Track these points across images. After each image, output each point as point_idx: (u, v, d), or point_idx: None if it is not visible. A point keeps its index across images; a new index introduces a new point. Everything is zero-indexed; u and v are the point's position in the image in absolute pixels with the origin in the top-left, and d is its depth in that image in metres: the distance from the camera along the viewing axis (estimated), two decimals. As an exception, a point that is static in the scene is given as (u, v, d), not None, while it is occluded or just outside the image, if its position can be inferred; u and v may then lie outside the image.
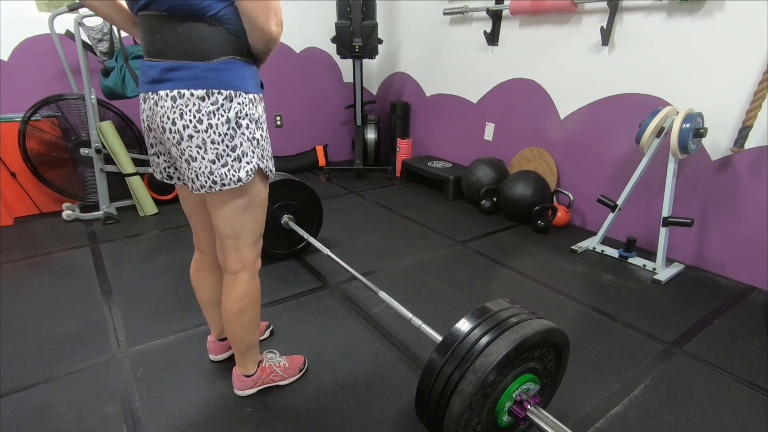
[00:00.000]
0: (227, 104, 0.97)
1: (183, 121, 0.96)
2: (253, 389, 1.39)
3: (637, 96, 2.35)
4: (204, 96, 0.95)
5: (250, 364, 1.35)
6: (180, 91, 0.94)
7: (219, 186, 1.02)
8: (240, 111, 0.99)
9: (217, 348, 1.52)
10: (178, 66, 0.94)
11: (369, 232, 2.65)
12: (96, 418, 1.29)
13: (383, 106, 4.23)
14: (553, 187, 2.86)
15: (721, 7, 1.96)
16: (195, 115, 0.95)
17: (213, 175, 1.00)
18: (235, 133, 0.99)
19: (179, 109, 0.95)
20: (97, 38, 2.36)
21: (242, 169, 1.02)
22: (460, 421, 0.98)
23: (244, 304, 1.21)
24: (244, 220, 1.11)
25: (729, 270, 2.19)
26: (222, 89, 0.96)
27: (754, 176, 2.02)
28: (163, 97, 0.96)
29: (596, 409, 1.37)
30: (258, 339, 1.34)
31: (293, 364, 1.46)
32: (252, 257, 1.19)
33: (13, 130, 2.51)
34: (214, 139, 0.98)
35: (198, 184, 1.02)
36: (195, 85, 0.94)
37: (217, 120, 0.97)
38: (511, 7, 2.70)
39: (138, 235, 2.53)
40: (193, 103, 0.95)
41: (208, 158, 0.99)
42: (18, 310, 1.79)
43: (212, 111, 0.96)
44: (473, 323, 1.05)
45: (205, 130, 0.97)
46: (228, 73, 0.96)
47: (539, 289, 2.05)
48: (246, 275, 1.19)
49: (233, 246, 1.15)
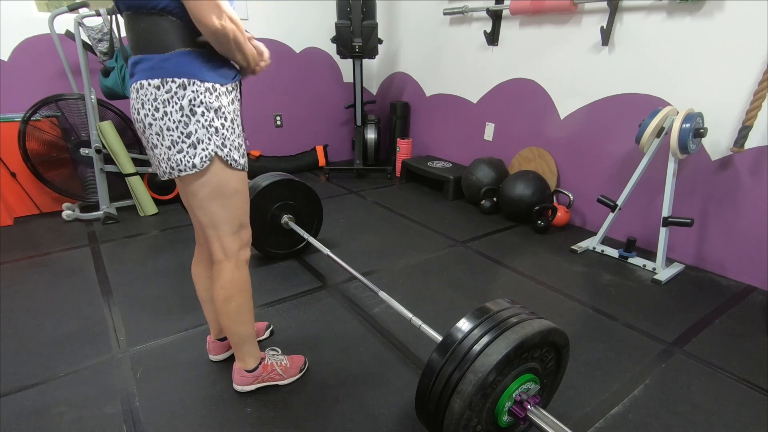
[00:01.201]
0: (180, 92, 1.00)
1: (144, 110, 1.02)
2: (252, 386, 1.39)
3: (637, 96, 2.35)
4: (159, 85, 0.99)
5: (248, 359, 1.36)
6: (141, 82, 1.00)
7: (177, 172, 1.06)
8: (194, 99, 1.01)
9: (217, 348, 1.52)
10: (140, 59, 1.00)
11: (369, 232, 2.65)
12: (96, 418, 1.29)
13: (383, 106, 4.23)
14: (553, 187, 2.86)
15: (721, 7, 1.96)
16: (152, 104, 1.00)
17: (170, 161, 1.05)
18: (189, 120, 1.02)
19: (141, 100, 1.02)
20: (97, 38, 2.36)
21: (197, 155, 1.04)
22: (460, 421, 0.98)
23: (229, 293, 1.22)
24: (214, 209, 1.13)
25: (729, 270, 2.19)
26: (175, 77, 0.99)
27: (754, 176, 2.02)
28: (133, 90, 1.03)
29: (596, 409, 1.37)
30: (253, 332, 1.34)
31: (294, 363, 1.47)
32: (234, 247, 1.20)
33: (13, 130, 2.51)
34: (170, 126, 1.02)
35: (161, 170, 1.09)
36: (151, 75, 0.99)
37: (171, 108, 1.00)
38: (511, 7, 2.70)
39: (138, 235, 2.53)
40: (150, 92, 1.00)
41: (165, 144, 1.04)
42: (18, 310, 1.79)
43: (166, 99, 1.00)
44: (473, 323, 1.05)
45: (161, 117, 1.01)
46: (181, 63, 0.99)
47: (539, 289, 2.05)
48: (229, 264, 1.21)
49: (214, 235, 1.18)
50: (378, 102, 4.30)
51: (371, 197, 3.30)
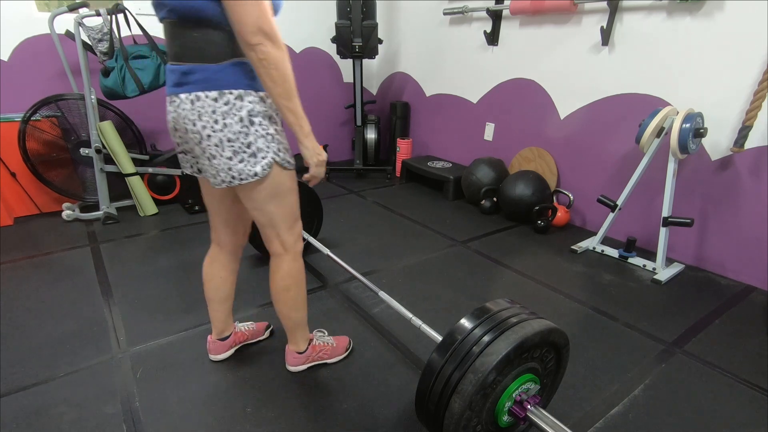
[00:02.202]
0: (239, 104, 1.02)
1: (201, 122, 1.03)
2: (304, 365, 1.49)
3: (637, 96, 2.35)
4: (216, 97, 1.01)
5: (300, 341, 1.45)
6: (197, 94, 1.01)
7: (237, 181, 1.09)
8: (252, 109, 1.04)
9: (218, 348, 1.52)
10: (192, 69, 1.01)
11: (369, 232, 2.65)
12: (96, 418, 1.29)
13: (383, 106, 4.23)
14: (553, 187, 2.86)
15: (721, 7, 1.96)
16: (211, 116, 1.02)
17: (231, 171, 1.08)
18: (248, 130, 1.05)
19: (197, 111, 1.03)
20: (97, 38, 2.36)
21: (258, 164, 1.08)
22: (460, 421, 0.98)
23: (288, 283, 1.31)
24: (272, 209, 1.18)
25: (729, 270, 2.19)
26: (232, 89, 1.02)
27: (754, 176, 2.02)
28: (184, 100, 1.03)
29: (596, 409, 1.37)
30: (306, 317, 1.43)
31: (340, 344, 1.56)
32: (291, 240, 1.27)
33: (13, 130, 2.51)
34: (230, 138, 1.04)
35: (219, 179, 1.10)
36: (207, 87, 1.01)
37: (231, 119, 1.03)
38: (511, 7, 2.70)
39: (138, 235, 2.53)
40: (209, 104, 1.01)
41: (226, 155, 1.06)
42: (18, 310, 1.79)
43: (226, 111, 1.02)
44: (473, 323, 1.05)
45: (221, 129, 1.03)
46: (236, 74, 1.02)
47: (539, 289, 2.05)
48: (288, 257, 1.28)
49: (272, 233, 1.24)
50: (378, 102, 4.30)
51: (371, 197, 3.30)
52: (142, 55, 2.43)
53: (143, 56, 2.43)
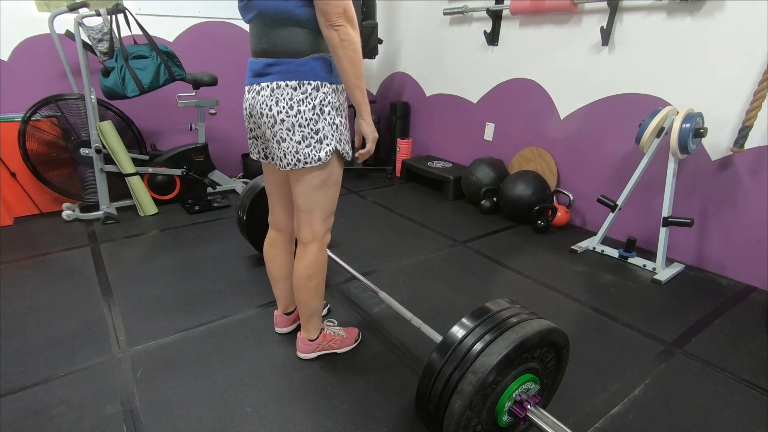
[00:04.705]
0: (314, 93, 1.15)
1: (278, 107, 1.15)
2: (314, 353, 1.54)
3: (637, 96, 2.35)
4: (296, 86, 1.14)
5: (312, 330, 1.50)
6: (278, 82, 1.14)
7: (302, 164, 1.19)
8: (324, 99, 1.16)
9: (283, 321, 1.65)
10: (276, 62, 1.14)
11: (369, 232, 2.65)
12: (96, 418, 1.29)
13: (383, 106, 4.23)
14: (553, 187, 2.86)
15: (721, 7, 1.96)
16: (287, 102, 1.14)
17: (298, 154, 1.18)
18: (319, 118, 1.17)
19: (275, 98, 1.14)
20: (97, 38, 2.36)
21: (322, 150, 1.19)
22: (460, 421, 0.98)
23: (312, 271, 1.36)
24: (318, 197, 1.27)
25: (729, 270, 2.19)
26: (311, 80, 1.14)
27: (754, 176, 2.02)
28: (264, 88, 1.16)
29: (596, 409, 1.37)
30: (321, 307, 1.48)
31: (350, 335, 1.61)
32: (321, 231, 1.34)
33: (13, 130, 2.51)
34: (302, 123, 1.15)
35: (285, 161, 1.20)
36: (289, 77, 1.13)
37: (305, 106, 1.15)
38: (511, 7, 2.70)
39: (138, 235, 2.53)
40: (287, 92, 1.14)
41: (295, 139, 1.17)
42: (18, 310, 1.79)
43: (301, 99, 1.14)
44: (473, 323, 1.05)
45: (294, 115, 1.15)
46: (315, 68, 1.14)
47: (539, 289, 2.05)
48: (315, 246, 1.35)
49: (307, 219, 1.31)
50: (378, 102, 4.30)
51: (371, 197, 3.30)
52: (142, 55, 2.43)
53: (143, 56, 2.43)
